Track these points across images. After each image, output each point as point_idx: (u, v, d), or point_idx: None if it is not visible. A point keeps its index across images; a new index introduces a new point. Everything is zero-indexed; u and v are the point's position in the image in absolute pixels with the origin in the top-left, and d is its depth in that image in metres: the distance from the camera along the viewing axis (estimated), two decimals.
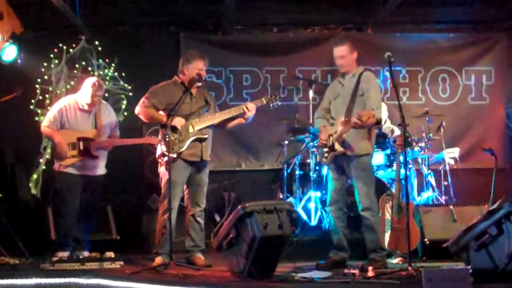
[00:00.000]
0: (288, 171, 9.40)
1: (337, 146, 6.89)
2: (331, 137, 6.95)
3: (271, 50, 10.66)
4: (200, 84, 7.17)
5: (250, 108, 7.22)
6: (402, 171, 7.22)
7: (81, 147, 7.46)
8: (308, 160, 9.27)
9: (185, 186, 7.23)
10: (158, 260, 6.91)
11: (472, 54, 10.98)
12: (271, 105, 7.50)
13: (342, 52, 7.14)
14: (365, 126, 6.77)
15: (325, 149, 7.00)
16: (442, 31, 11.07)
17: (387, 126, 9.26)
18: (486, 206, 7.42)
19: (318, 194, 8.87)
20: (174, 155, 6.96)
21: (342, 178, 7.12)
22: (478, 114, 10.90)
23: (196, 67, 7.17)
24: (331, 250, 7.17)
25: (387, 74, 9.08)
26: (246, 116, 7.23)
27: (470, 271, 5.53)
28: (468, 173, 9.93)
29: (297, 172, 9.22)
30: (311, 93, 9.56)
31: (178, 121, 7.01)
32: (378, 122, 6.94)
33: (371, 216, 6.95)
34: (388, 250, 7.41)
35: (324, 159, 7.08)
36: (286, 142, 9.43)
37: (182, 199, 7.31)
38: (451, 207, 8.08)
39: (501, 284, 5.65)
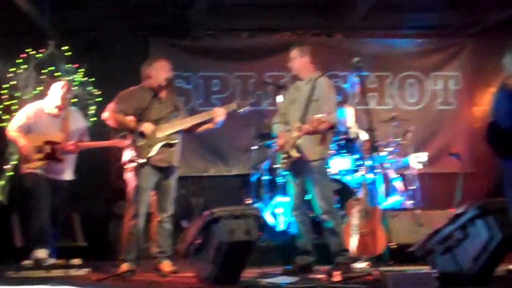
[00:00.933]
0: (256, 176, 9.39)
1: (292, 152, 6.89)
2: (287, 143, 6.96)
3: (241, 56, 10.66)
4: (166, 84, 7.13)
5: (220, 114, 7.19)
6: (370, 175, 7.25)
7: (47, 151, 7.39)
8: (276, 166, 9.26)
9: (152, 192, 7.19)
10: (125, 266, 6.83)
11: (440, 60, 11.08)
12: (240, 110, 7.49)
13: (291, 55, 7.24)
14: (317, 132, 6.81)
15: (283, 155, 7.01)
16: (410, 36, 11.14)
17: (353, 131, 9.30)
18: (452, 210, 7.43)
19: (286, 199, 8.86)
20: (143, 161, 6.92)
21: (302, 183, 7.12)
22: (446, 119, 11.00)
23: (162, 69, 7.15)
24: (297, 255, 7.17)
25: (356, 79, 9.11)
26: (215, 121, 7.21)
27: (436, 275, 5.56)
28: (435, 178, 9.99)
29: (265, 178, 9.20)
30: (279, 99, 9.54)
31: (147, 127, 6.96)
32: (333, 127, 6.97)
33: (332, 219, 6.95)
34: (355, 254, 7.45)
35: (283, 165, 7.09)
36: (255, 147, 9.42)
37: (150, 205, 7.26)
38: (417, 211, 8.14)
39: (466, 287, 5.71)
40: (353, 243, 7.51)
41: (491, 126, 4.16)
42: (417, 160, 9.41)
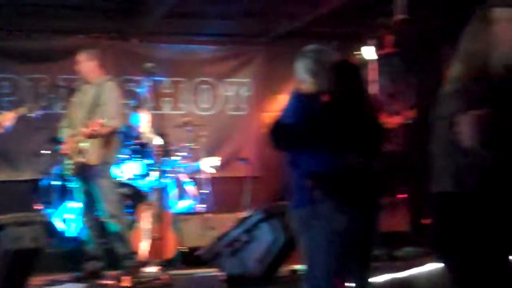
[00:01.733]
0: (47, 181, 9.13)
1: (77, 157, 6.81)
2: (71, 148, 6.86)
3: (33, 57, 10.26)
4: None
5: (9, 118, 6.96)
6: (162, 180, 7.29)
7: None
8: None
9: None
10: None
11: (233, 66, 11.30)
12: (32, 114, 7.28)
13: (78, 58, 7.19)
14: (98, 136, 6.78)
15: (69, 160, 6.90)
16: (204, 43, 11.29)
17: (147, 135, 9.30)
18: (241, 213, 7.63)
19: (77, 204, 8.68)
20: None
21: (88, 188, 7.04)
22: (237, 124, 11.23)
23: None
24: (86, 260, 7.07)
25: (149, 84, 9.13)
26: (3, 125, 6.96)
27: (223, 277, 5.70)
28: (226, 182, 10.20)
29: (56, 183, 8.96)
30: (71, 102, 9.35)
31: None
32: (115, 132, 6.96)
33: (118, 223, 6.93)
34: (146, 259, 7.46)
35: (69, 170, 6.99)
36: (46, 151, 9.15)
37: None
38: (209, 215, 8.30)
39: None
40: (144, 247, 7.54)
41: (275, 123, 4.33)
42: (209, 165, 9.60)
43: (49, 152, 9.07)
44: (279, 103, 11.18)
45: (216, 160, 9.76)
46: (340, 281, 4.27)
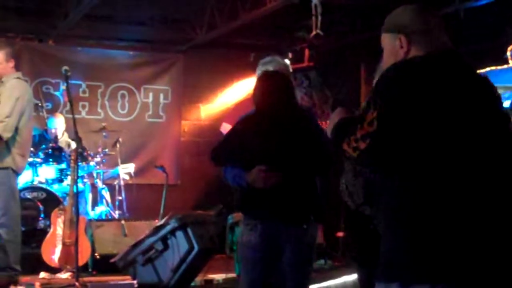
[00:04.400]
0: None
1: None
2: None
3: None
4: None
5: None
6: (77, 185, 7.19)
7: None
8: None
9: None
10: None
11: (151, 73, 11.25)
12: None
13: None
14: None
15: None
16: (122, 48, 11.22)
17: (64, 140, 9.19)
18: (156, 221, 7.62)
19: None
20: None
21: None
22: (155, 131, 11.19)
23: None
24: None
25: (64, 88, 8.98)
26: None
27: (136, 286, 5.68)
28: (142, 189, 10.14)
29: None
30: None
31: None
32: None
33: (6, 234, 6.47)
34: (59, 265, 7.37)
35: None
36: None
37: None
38: (122, 221, 8.19)
39: None
40: (56, 253, 7.44)
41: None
42: (124, 171, 9.54)
43: None
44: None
45: (132, 167, 9.70)
46: None
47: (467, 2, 8.10)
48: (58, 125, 9.23)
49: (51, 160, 8.65)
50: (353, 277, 6.61)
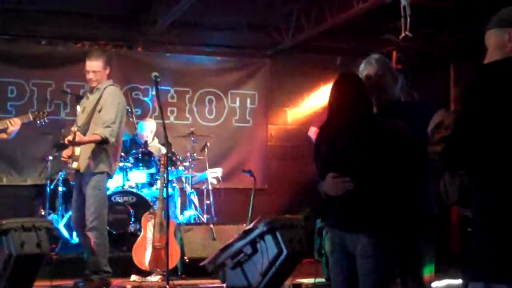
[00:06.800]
0: (51, 187, 9.12)
1: (73, 164, 6.70)
2: (72, 154, 6.75)
3: (39, 63, 10.24)
4: None
5: (14, 123, 6.92)
6: (166, 189, 7.26)
7: None
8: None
9: None
10: None
11: (238, 78, 11.30)
12: (38, 122, 7.25)
13: (97, 68, 6.86)
14: (78, 144, 6.62)
15: (69, 166, 6.77)
16: (210, 54, 11.30)
17: (154, 145, 9.32)
18: (244, 225, 7.63)
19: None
20: None
21: (79, 199, 6.86)
22: (242, 136, 11.23)
23: None
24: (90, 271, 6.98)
25: (154, 93, 9.11)
26: (9, 131, 6.92)
27: None
28: (230, 193, 10.19)
29: (60, 189, 8.95)
30: (78, 108, 9.35)
31: None
32: (104, 141, 6.67)
33: (96, 238, 6.70)
34: (149, 268, 7.48)
35: (69, 176, 6.87)
36: (51, 157, 9.13)
37: None
38: (211, 225, 8.25)
39: None
40: (147, 256, 7.54)
41: None
42: (212, 176, 9.60)
43: (54, 157, 9.08)
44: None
45: (219, 171, 9.76)
46: None
47: None
48: (148, 130, 9.37)
49: (141, 164, 8.79)
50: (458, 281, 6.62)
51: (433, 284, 6.76)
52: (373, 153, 4.05)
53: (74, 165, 6.69)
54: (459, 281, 6.77)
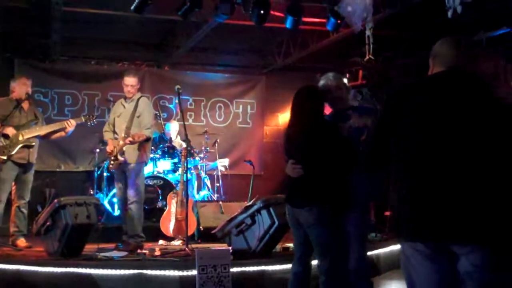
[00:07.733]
0: (98, 172, 9.13)
1: (119, 156, 6.70)
2: (115, 148, 6.74)
3: (89, 78, 10.27)
4: (26, 97, 6.79)
5: (71, 124, 6.93)
6: (186, 175, 7.28)
7: None
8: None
9: (13, 183, 6.81)
10: None
11: (241, 90, 11.28)
12: (88, 123, 7.26)
13: (134, 83, 6.92)
14: (136, 143, 6.69)
15: (112, 158, 6.75)
16: (220, 71, 11.31)
17: (177, 141, 9.31)
18: (245, 202, 7.64)
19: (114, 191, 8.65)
20: (5, 157, 6.56)
21: (122, 182, 6.88)
22: (244, 134, 11.21)
23: (23, 84, 6.83)
24: (128, 236, 6.94)
25: (177, 102, 9.08)
26: (67, 130, 6.93)
27: (231, 251, 5.70)
28: (235, 178, 10.15)
29: (105, 174, 8.96)
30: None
31: (10, 130, 6.62)
32: (148, 139, 6.84)
33: (136, 209, 6.74)
34: (173, 234, 7.49)
35: (111, 166, 6.89)
36: (98, 150, 9.16)
37: (10, 193, 6.86)
38: (220, 202, 8.25)
39: (253, 260, 5.89)
40: (171, 226, 7.54)
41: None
42: (221, 164, 9.60)
43: (100, 150, 9.09)
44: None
45: (226, 161, 9.77)
46: None
47: (489, 32, 7.86)
48: (173, 129, 9.37)
49: (167, 156, 8.80)
50: (398, 247, 6.51)
51: (380, 250, 6.83)
52: (316, 148, 4.13)
53: (119, 157, 6.70)
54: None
